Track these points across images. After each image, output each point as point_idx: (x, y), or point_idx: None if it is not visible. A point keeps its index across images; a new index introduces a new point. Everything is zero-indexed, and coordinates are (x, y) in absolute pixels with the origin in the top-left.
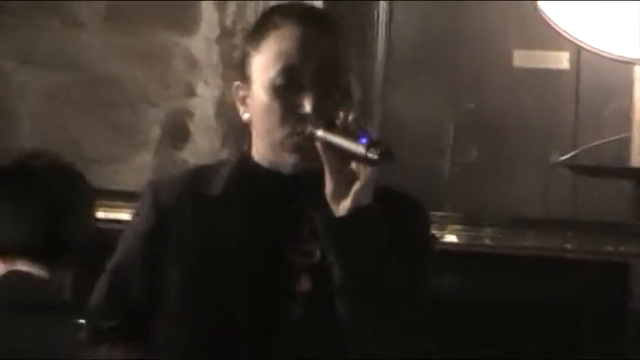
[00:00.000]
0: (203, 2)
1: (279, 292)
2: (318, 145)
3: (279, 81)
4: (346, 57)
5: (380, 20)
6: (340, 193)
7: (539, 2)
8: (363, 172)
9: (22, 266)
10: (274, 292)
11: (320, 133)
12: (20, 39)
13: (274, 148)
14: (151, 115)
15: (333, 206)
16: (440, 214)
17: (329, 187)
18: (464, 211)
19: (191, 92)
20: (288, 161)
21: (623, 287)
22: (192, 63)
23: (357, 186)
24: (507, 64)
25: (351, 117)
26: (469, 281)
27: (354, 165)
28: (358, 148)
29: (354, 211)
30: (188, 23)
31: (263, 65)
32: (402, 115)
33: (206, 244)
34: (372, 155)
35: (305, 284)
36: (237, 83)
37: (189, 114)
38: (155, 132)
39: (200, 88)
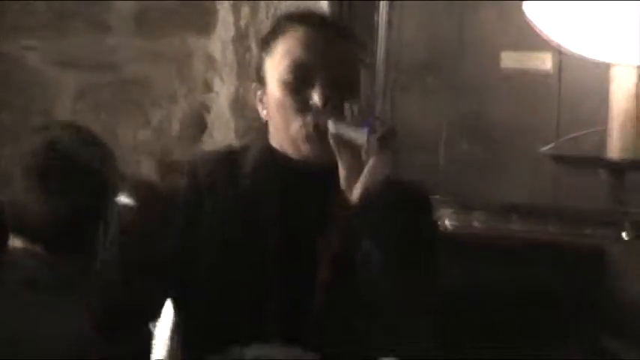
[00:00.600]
0: (219, 6)
1: (303, 278)
2: (331, 139)
3: (287, 77)
4: (350, 54)
5: (381, 27)
6: (352, 183)
7: (524, 7)
8: (374, 160)
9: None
10: (298, 278)
11: (330, 126)
12: (54, 42)
13: (290, 140)
14: (173, 111)
15: (347, 194)
16: (436, 197)
17: (342, 177)
18: (456, 196)
19: (208, 89)
20: (303, 152)
21: (599, 266)
22: (209, 62)
23: (364, 176)
24: (496, 65)
25: (355, 108)
26: (459, 262)
27: (363, 156)
28: (360, 137)
29: (364, 199)
30: (206, 26)
31: (274, 65)
32: (404, 114)
33: (235, 218)
34: (376, 138)
35: (324, 272)
36: (254, 85)
37: (207, 109)
38: (176, 125)
39: (217, 84)
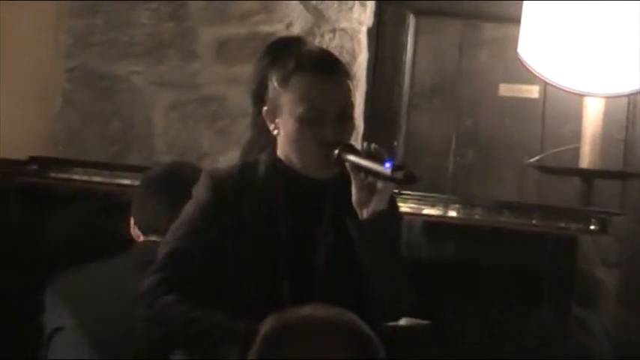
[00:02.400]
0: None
1: (307, 260)
2: (348, 165)
3: (305, 117)
4: (350, 91)
5: (406, 60)
6: (363, 201)
7: (519, 49)
8: (381, 186)
9: (155, 238)
10: (303, 260)
11: (350, 157)
12: (153, 67)
13: (303, 162)
14: (244, 123)
15: (358, 211)
16: (445, 196)
17: (355, 196)
18: (461, 195)
19: None
20: (314, 171)
21: (572, 252)
22: None
23: (376, 196)
24: (495, 94)
25: (373, 146)
26: (463, 247)
27: (371, 179)
28: (385, 171)
29: (375, 215)
30: None
31: (292, 101)
32: (420, 129)
33: (252, 223)
34: (399, 175)
35: (323, 255)
36: (266, 109)
37: None
38: (245, 135)
39: None
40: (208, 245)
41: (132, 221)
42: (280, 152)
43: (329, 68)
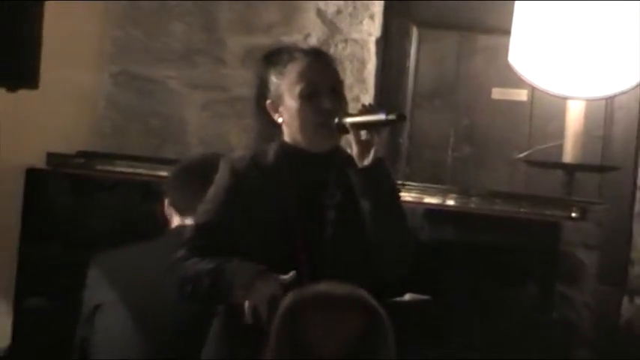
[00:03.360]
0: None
1: (316, 219)
2: (348, 127)
3: (304, 92)
4: (337, 73)
5: (410, 66)
6: (363, 153)
7: (509, 57)
8: (377, 139)
9: (188, 221)
10: (313, 220)
11: (349, 119)
12: (187, 71)
13: (305, 135)
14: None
15: (359, 161)
16: (444, 187)
17: (356, 149)
18: (458, 186)
19: None
20: (315, 142)
21: (556, 236)
22: None
23: (374, 147)
24: (488, 97)
25: (368, 103)
26: (460, 231)
27: (367, 135)
28: (381, 117)
29: (374, 161)
30: None
31: (291, 84)
32: (422, 127)
33: (266, 194)
34: (392, 117)
35: (331, 214)
36: (269, 102)
37: None
38: None
39: None
40: (228, 218)
41: (166, 202)
42: (286, 136)
43: (317, 53)
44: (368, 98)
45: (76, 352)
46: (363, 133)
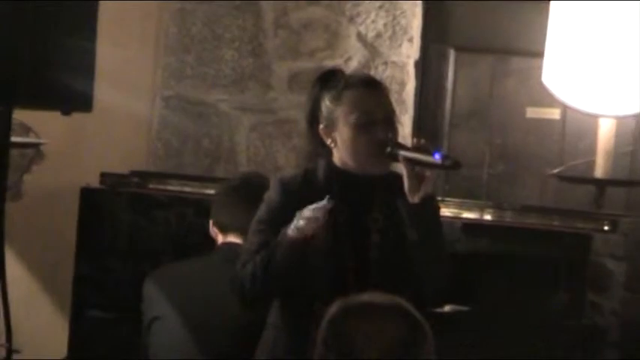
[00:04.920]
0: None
1: (363, 242)
2: (400, 158)
3: (360, 121)
4: (391, 103)
5: (447, 88)
6: (414, 188)
7: (542, 78)
8: (429, 174)
9: (234, 239)
10: (360, 242)
11: (403, 152)
12: (237, 95)
13: (359, 161)
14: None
15: (409, 195)
16: (480, 202)
17: (407, 184)
18: (493, 201)
19: None
20: (368, 170)
21: (587, 248)
22: None
23: (425, 183)
24: (522, 116)
25: (422, 141)
26: (495, 243)
27: (419, 169)
28: (435, 161)
29: (425, 199)
30: None
31: (345, 112)
32: (459, 145)
33: None
34: (448, 163)
35: (376, 237)
36: (322, 126)
37: None
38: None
39: None
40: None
41: (211, 222)
42: (336, 158)
43: (373, 83)
44: (407, 119)
45: None
46: (413, 168)
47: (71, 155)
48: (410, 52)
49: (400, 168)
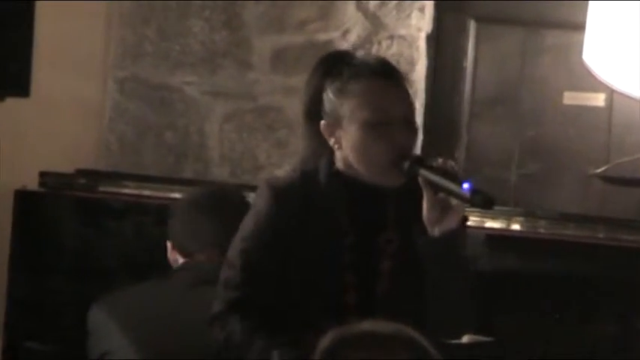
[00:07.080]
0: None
1: (370, 268)
2: (420, 180)
3: (372, 119)
4: (409, 96)
5: (467, 68)
6: (435, 218)
7: (583, 56)
8: (456, 204)
9: (197, 258)
10: (367, 268)
11: (425, 172)
12: (207, 77)
13: (371, 169)
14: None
15: (428, 227)
16: (508, 209)
17: (426, 212)
18: (524, 207)
19: None
20: (381, 181)
21: (637, 264)
22: None
23: (450, 214)
24: (559, 102)
25: (450, 164)
26: (526, 260)
27: (444, 196)
28: (463, 193)
29: (447, 234)
30: None
31: (353, 109)
32: (481, 139)
33: (315, 231)
34: (479, 199)
35: (386, 265)
36: (324, 122)
37: None
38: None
39: None
40: (274, 257)
41: (169, 245)
42: (340, 164)
43: (387, 72)
44: (418, 106)
45: None
46: (434, 192)
47: (4, 150)
48: (421, 23)
49: None
